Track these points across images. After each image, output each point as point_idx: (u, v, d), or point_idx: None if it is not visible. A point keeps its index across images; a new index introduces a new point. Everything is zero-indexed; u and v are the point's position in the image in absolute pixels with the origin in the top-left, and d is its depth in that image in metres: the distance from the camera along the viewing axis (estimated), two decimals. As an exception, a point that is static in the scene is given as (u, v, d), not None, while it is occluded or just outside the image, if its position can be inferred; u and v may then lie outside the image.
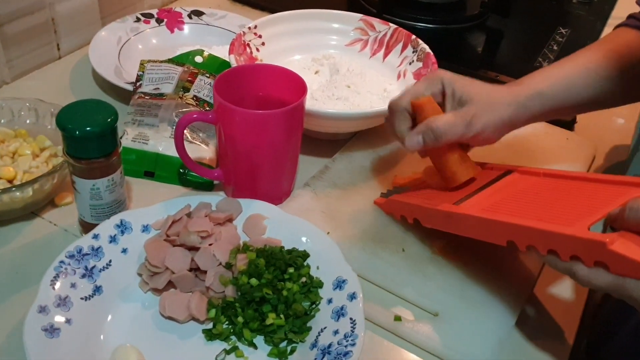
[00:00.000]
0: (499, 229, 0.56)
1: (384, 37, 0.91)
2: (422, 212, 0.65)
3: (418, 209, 0.65)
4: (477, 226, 0.58)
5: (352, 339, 0.52)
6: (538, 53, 1.07)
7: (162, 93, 0.76)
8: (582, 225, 0.50)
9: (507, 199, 0.61)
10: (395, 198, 0.69)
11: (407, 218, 0.67)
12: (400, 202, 0.68)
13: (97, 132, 0.56)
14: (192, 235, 0.59)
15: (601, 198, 0.54)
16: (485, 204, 0.61)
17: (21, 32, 0.85)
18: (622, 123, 0.94)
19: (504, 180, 0.65)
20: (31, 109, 0.72)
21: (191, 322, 0.57)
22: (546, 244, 0.52)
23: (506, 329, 0.59)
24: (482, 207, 0.60)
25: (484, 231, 0.58)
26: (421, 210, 0.65)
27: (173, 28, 1.01)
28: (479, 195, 0.63)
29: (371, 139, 0.81)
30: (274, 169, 0.69)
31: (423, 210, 0.64)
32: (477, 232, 0.58)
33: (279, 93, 0.69)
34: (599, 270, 0.48)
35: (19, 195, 0.62)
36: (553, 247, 0.51)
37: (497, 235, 0.56)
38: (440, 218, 0.62)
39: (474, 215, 0.58)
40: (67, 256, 0.56)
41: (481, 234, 0.58)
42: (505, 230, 0.55)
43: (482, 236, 0.58)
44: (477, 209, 0.59)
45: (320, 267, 0.59)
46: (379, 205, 0.71)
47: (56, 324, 0.52)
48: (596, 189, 0.57)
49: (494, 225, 0.56)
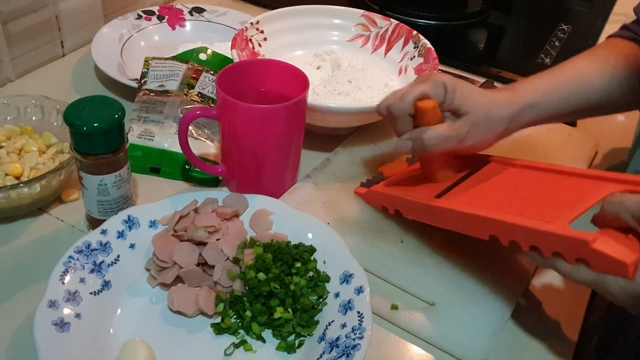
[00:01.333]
0: (481, 224, 0.56)
1: (386, 33, 0.92)
2: (404, 204, 0.65)
3: (399, 201, 0.65)
4: (459, 220, 0.58)
5: (360, 332, 0.52)
6: (540, 49, 1.07)
7: (167, 90, 0.76)
8: (563, 221, 0.50)
9: (488, 191, 0.61)
10: (376, 189, 0.69)
11: (388, 209, 0.67)
12: (381, 194, 0.68)
13: (105, 128, 0.57)
14: (199, 230, 0.59)
15: (580, 193, 0.54)
16: (466, 196, 0.60)
17: (25, 30, 0.85)
18: (622, 120, 0.94)
19: (483, 171, 0.65)
20: (37, 106, 0.72)
21: (199, 317, 0.57)
22: (528, 241, 0.52)
23: (502, 320, 0.59)
24: (463, 200, 0.60)
25: (467, 225, 0.58)
26: (402, 202, 0.65)
27: (174, 25, 1.01)
28: (459, 187, 0.63)
29: (372, 133, 0.82)
30: (277, 163, 0.69)
31: (404, 202, 0.64)
32: (460, 226, 0.58)
33: (281, 88, 0.69)
34: (581, 267, 0.49)
35: (26, 191, 0.62)
36: (535, 244, 0.51)
37: (479, 229, 0.56)
38: (422, 211, 0.62)
39: (456, 210, 0.58)
40: (76, 251, 0.57)
41: (464, 228, 0.58)
42: (488, 226, 0.55)
43: (464, 230, 0.58)
44: (459, 202, 0.59)
45: (326, 262, 0.60)
46: (359, 195, 0.71)
47: (66, 319, 0.52)
48: (574, 183, 0.57)
49: (476, 219, 0.56)
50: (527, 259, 0.66)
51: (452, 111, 0.61)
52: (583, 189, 0.55)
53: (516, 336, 0.59)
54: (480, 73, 1.01)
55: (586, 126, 0.90)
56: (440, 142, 0.59)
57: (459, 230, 0.59)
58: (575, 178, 0.58)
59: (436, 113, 0.60)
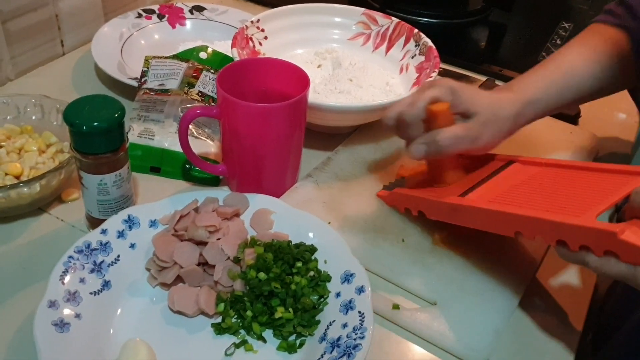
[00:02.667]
0: (506, 221, 0.56)
1: (387, 31, 0.91)
2: (427, 204, 0.65)
3: (423, 202, 0.65)
4: (484, 218, 0.58)
5: (361, 332, 0.52)
6: (541, 47, 1.07)
7: (167, 89, 0.76)
8: (589, 215, 0.50)
9: (512, 189, 0.61)
10: (398, 191, 0.69)
11: (411, 210, 0.67)
12: (404, 195, 0.68)
13: (105, 127, 0.56)
14: (200, 230, 0.59)
15: (606, 188, 0.55)
16: (490, 195, 0.61)
17: (25, 29, 0.85)
18: (624, 118, 0.94)
19: (507, 170, 0.66)
20: (37, 105, 0.72)
21: (200, 317, 0.57)
22: (555, 235, 0.52)
23: (504, 319, 0.59)
24: (488, 199, 0.60)
25: (491, 223, 0.58)
26: (426, 202, 0.65)
27: (175, 24, 1.01)
28: (483, 187, 0.63)
29: (373, 132, 0.82)
30: (278, 162, 0.69)
31: (428, 203, 0.65)
32: (484, 224, 0.59)
33: (281, 87, 0.69)
34: (610, 260, 0.49)
35: (26, 191, 0.62)
36: (562, 238, 0.51)
37: (504, 226, 0.56)
38: (446, 210, 0.62)
39: (481, 207, 0.58)
40: (76, 251, 0.56)
41: (488, 225, 0.58)
42: (513, 222, 0.55)
43: (489, 228, 0.58)
44: (483, 200, 0.60)
45: (327, 261, 0.59)
46: (382, 198, 0.71)
47: (66, 319, 0.52)
48: (600, 179, 0.58)
49: (501, 216, 0.56)
50: (528, 258, 0.66)
51: (462, 113, 0.62)
52: (609, 184, 0.56)
53: (518, 335, 0.59)
54: (481, 71, 1.00)
55: (587, 124, 0.89)
56: (455, 143, 0.60)
57: (484, 228, 0.59)
58: (601, 173, 0.59)
59: (449, 115, 0.61)
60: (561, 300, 0.63)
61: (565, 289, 0.64)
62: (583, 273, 0.65)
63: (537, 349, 0.58)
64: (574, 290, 0.64)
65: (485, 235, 0.63)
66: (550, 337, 0.59)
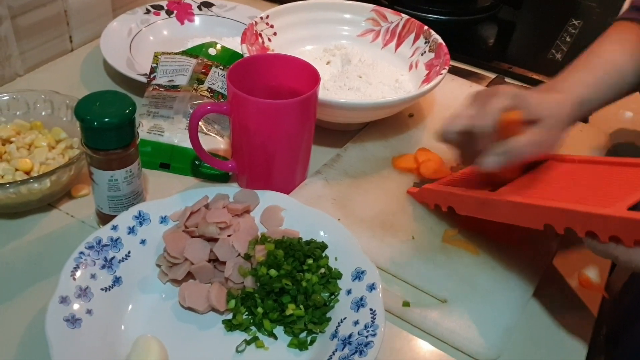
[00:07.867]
0: (536, 213, 0.56)
1: (396, 28, 0.91)
2: (457, 199, 0.65)
3: (453, 197, 0.65)
4: (513, 211, 0.58)
5: (372, 329, 0.52)
6: (551, 45, 1.06)
7: (177, 85, 0.76)
8: (620, 206, 0.50)
9: (543, 184, 0.61)
10: (428, 187, 0.69)
11: (441, 206, 0.67)
12: (434, 191, 0.68)
13: (116, 123, 0.56)
14: (210, 226, 0.59)
15: (635, 181, 0.55)
16: (520, 190, 0.61)
17: (34, 25, 0.85)
18: (630, 116, 0.94)
19: (540, 168, 0.66)
20: (46, 101, 0.72)
21: (211, 313, 0.57)
22: (585, 226, 0.52)
23: (515, 317, 0.59)
24: (517, 193, 0.60)
25: (521, 216, 0.58)
26: (456, 197, 0.65)
27: (183, 20, 1.01)
28: (514, 182, 0.63)
29: (383, 129, 0.81)
30: (288, 158, 0.69)
31: (458, 198, 0.65)
32: (514, 217, 0.58)
33: (291, 83, 0.69)
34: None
35: (36, 186, 0.62)
36: (592, 229, 0.51)
37: (534, 219, 0.56)
38: (476, 205, 0.62)
39: (510, 200, 0.58)
40: (87, 247, 0.56)
41: (518, 218, 0.58)
42: (543, 214, 0.55)
43: (518, 221, 0.58)
44: (513, 194, 0.60)
45: (338, 259, 0.59)
46: (412, 194, 0.71)
47: (77, 315, 0.52)
48: (631, 173, 0.58)
49: (531, 209, 0.56)
50: (539, 255, 0.65)
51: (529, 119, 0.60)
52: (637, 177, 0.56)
53: (529, 331, 0.59)
54: (490, 69, 1.00)
55: (597, 122, 0.89)
56: (534, 150, 0.59)
57: (514, 222, 0.58)
58: (633, 168, 0.59)
59: (520, 123, 0.59)
60: (573, 295, 0.63)
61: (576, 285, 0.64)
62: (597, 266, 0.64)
63: (548, 344, 0.58)
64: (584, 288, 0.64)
65: (496, 233, 0.63)
66: (562, 332, 0.59)
